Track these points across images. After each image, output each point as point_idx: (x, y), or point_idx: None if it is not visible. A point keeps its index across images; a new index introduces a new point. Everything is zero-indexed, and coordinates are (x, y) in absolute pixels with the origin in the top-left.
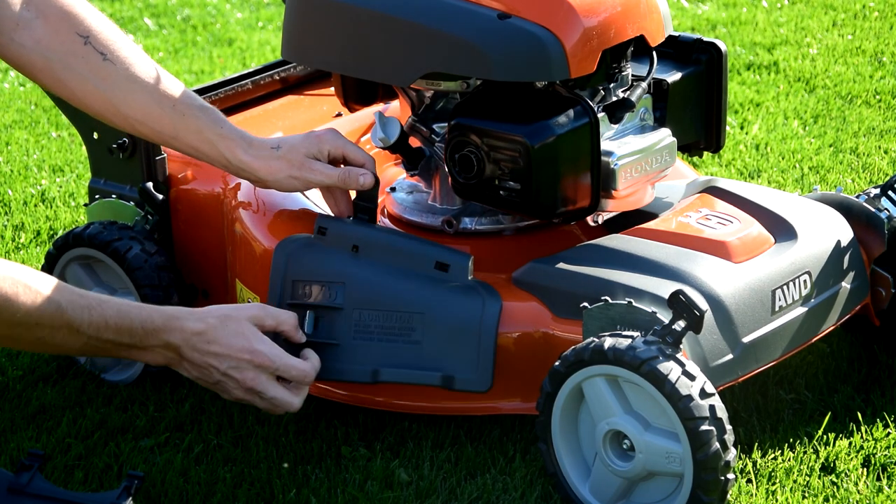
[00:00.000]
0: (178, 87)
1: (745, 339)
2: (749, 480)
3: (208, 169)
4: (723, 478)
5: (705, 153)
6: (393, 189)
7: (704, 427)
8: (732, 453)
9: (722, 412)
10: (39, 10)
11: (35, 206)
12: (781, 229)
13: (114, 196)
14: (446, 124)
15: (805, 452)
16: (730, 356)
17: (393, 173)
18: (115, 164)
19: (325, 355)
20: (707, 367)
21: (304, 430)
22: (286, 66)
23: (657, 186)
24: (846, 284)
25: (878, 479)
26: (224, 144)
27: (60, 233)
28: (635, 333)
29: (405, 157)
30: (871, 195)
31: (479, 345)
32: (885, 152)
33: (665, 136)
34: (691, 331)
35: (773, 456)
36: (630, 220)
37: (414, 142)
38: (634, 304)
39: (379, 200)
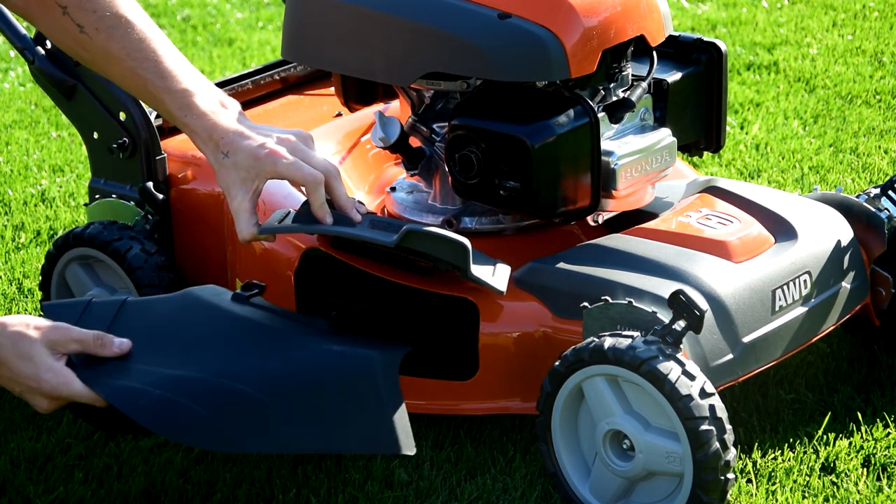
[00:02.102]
0: (156, 63)
1: (745, 339)
2: (749, 480)
3: (208, 169)
4: (723, 478)
5: (705, 153)
6: (393, 189)
7: (704, 427)
8: (732, 453)
9: (722, 412)
10: None
11: (35, 206)
12: (781, 229)
13: (114, 196)
14: (446, 124)
15: (805, 452)
16: (730, 356)
17: (393, 173)
18: (115, 164)
19: None
20: (707, 367)
21: None
22: (286, 66)
23: (657, 186)
24: (846, 284)
25: (878, 479)
26: (189, 134)
27: (60, 233)
28: (635, 333)
29: (405, 157)
30: (871, 195)
31: None
32: (885, 152)
33: (665, 135)
34: (691, 331)
35: (773, 456)
36: (630, 220)
37: (414, 141)
38: (634, 303)
39: (379, 200)
